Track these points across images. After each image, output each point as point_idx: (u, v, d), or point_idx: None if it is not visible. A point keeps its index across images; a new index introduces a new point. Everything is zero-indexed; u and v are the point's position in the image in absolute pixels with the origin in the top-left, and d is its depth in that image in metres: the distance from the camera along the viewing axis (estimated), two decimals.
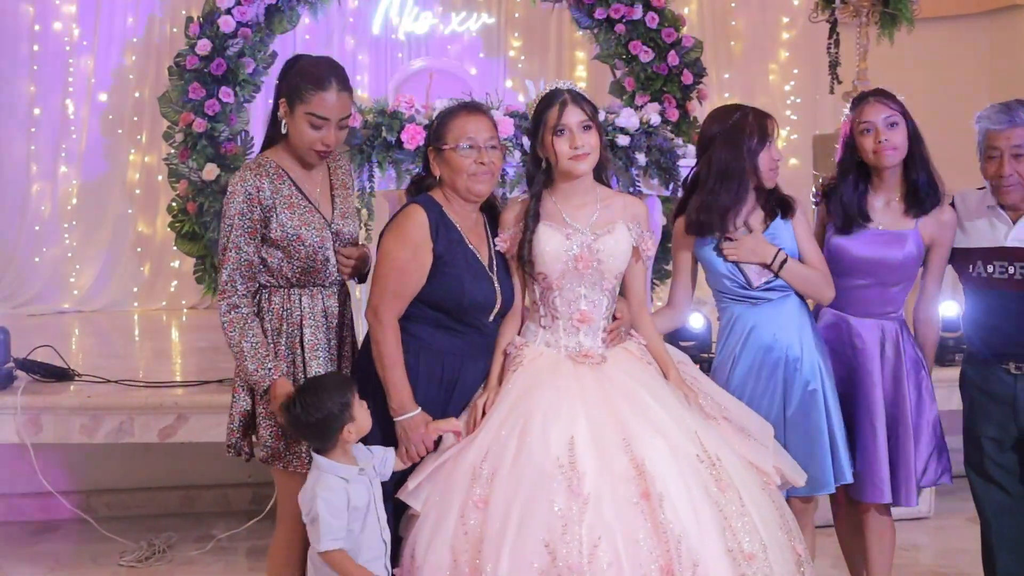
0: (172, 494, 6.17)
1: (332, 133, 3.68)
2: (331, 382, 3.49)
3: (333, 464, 3.41)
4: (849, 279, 4.05)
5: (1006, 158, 3.94)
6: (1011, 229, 4.03)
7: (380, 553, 3.45)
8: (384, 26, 9.75)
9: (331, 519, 3.34)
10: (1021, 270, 4.00)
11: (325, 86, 3.65)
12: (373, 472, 3.50)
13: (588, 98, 3.72)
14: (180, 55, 8.03)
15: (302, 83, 3.67)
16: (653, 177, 6.48)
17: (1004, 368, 4.08)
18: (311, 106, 3.64)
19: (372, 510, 3.43)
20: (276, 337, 3.74)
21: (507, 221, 3.77)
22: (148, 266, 9.42)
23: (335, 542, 3.34)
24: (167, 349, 7.73)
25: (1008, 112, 3.96)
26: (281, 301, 3.76)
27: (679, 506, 3.30)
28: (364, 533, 3.41)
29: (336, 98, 3.67)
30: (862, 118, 4.02)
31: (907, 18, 8.10)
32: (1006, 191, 3.97)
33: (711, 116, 4.08)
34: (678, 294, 4.16)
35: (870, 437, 4.03)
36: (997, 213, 4.06)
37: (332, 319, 3.81)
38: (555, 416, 3.46)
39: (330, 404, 3.39)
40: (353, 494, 3.38)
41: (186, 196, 8.00)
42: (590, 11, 8.51)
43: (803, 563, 3.52)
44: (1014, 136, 3.94)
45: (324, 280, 3.79)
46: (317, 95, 3.64)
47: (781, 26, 10.75)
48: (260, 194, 3.68)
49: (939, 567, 4.92)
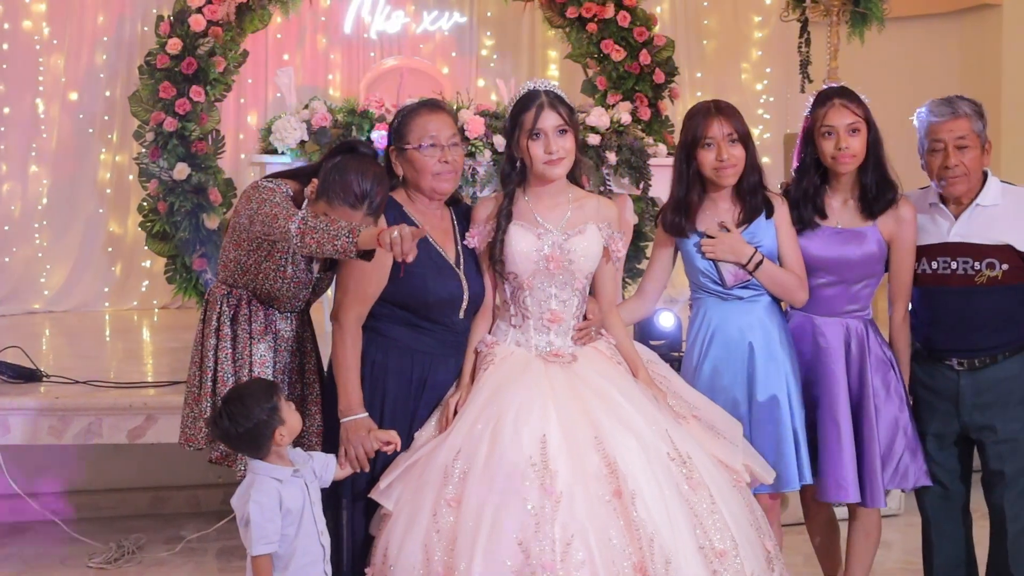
0: (142, 495, 6.14)
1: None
2: (255, 388, 3.45)
3: (266, 465, 3.39)
4: (811, 278, 4.06)
5: (951, 149, 3.98)
6: (953, 225, 4.06)
7: (318, 558, 3.42)
8: (356, 25, 9.70)
9: (264, 522, 3.31)
10: (963, 265, 4.03)
11: (356, 206, 3.52)
12: (311, 475, 3.48)
13: (566, 100, 3.72)
14: (151, 54, 7.99)
15: (339, 191, 3.53)
16: (624, 176, 6.50)
17: (948, 364, 4.11)
18: (335, 214, 3.49)
19: (308, 514, 3.40)
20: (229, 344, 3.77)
21: (478, 218, 3.76)
22: (119, 266, 9.34)
23: (268, 546, 3.32)
24: (138, 349, 7.68)
25: (950, 104, 4.01)
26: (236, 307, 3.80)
27: (651, 504, 3.32)
28: (299, 537, 3.38)
29: (362, 219, 3.52)
30: (825, 121, 4.01)
31: (877, 17, 8.15)
32: (952, 182, 4.00)
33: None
34: (648, 285, 4.17)
35: (834, 436, 4.02)
36: (940, 210, 4.09)
37: (281, 341, 3.85)
38: (527, 415, 3.46)
39: (257, 411, 3.36)
40: (286, 496, 3.35)
41: (157, 196, 7.96)
42: (562, 10, 8.51)
43: (773, 559, 3.54)
44: (956, 127, 3.98)
45: (282, 307, 3.84)
46: (344, 210, 3.51)
47: (753, 25, 10.76)
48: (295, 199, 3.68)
49: (909, 564, 4.94)
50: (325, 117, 6.08)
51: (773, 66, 10.56)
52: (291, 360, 3.87)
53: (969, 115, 3.99)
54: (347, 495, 3.63)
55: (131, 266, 9.34)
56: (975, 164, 4.00)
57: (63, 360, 6.54)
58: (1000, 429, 4.06)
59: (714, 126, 3.92)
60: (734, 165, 3.92)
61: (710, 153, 3.92)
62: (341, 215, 3.49)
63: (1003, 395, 4.06)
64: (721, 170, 3.92)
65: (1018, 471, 4.09)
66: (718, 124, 3.92)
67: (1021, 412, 4.08)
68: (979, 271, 4.01)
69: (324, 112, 6.11)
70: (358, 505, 3.63)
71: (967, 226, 4.04)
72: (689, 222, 4.00)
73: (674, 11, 10.50)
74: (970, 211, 4.05)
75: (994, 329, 4.04)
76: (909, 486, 4.18)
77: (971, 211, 4.05)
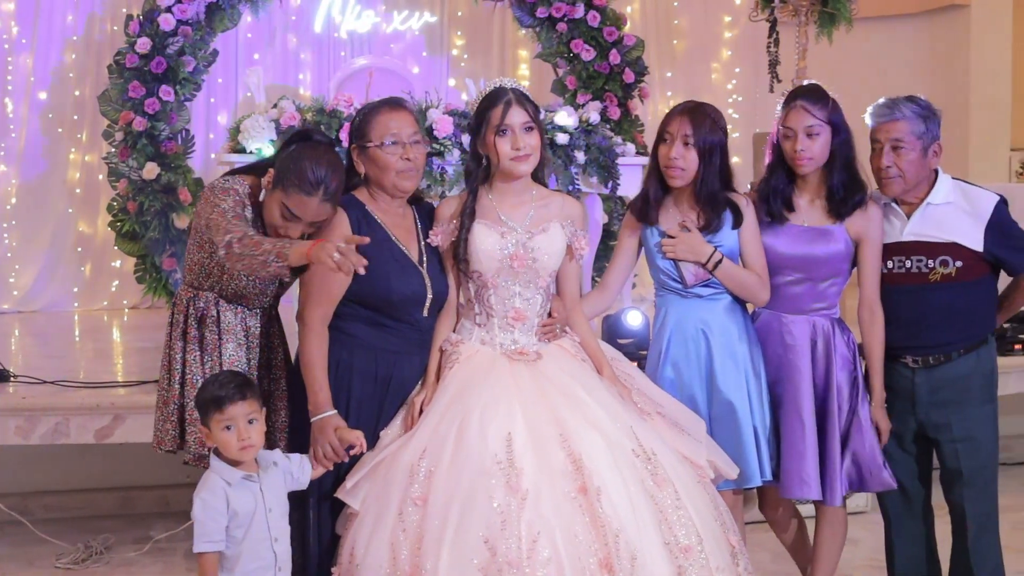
0: (110, 495, 6.11)
1: (300, 229, 3.60)
2: (220, 381, 3.45)
3: (220, 465, 3.38)
4: (778, 276, 4.08)
5: (886, 150, 4.01)
6: (906, 224, 4.10)
7: (268, 564, 3.39)
8: (326, 24, 9.70)
9: (206, 520, 3.30)
10: (917, 263, 4.07)
11: (311, 192, 3.52)
12: (283, 478, 3.48)
13: (531, 99, 3.73)
14: (120, 53, 7.97)
15: (293, 178, 3.53)
16: (592, 175, 6.51)
17: (903, 362, 4.15)
18: (290, 202, 3.53)
19: (259, 519, 3.38)
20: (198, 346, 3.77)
21: (442, 216, 3.77)
22: (89, 266, 9.32)
23: (209, 544, 3.31)
24: (107, 349, 7.65)
25: (891, 106, 4.05)
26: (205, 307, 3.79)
27: (616, 500, 3.33)
28: (246, 542, 3.35)
29: (318, 206, 3.55)
30: (785, 122, 4.04)
31: (845, 17, 8.20)
32: (886, 183, 4.05)
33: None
34: (612, 276, 4.18)
35: (798, 433, 4.04)
36: (893, 209, 4.14)
37: (252, 338, 3.85)
38: (492, 413, 3.47)
39: (204, 395, 3.41)
40: (234, 498, 3.33)
41: (126, 195, 7.94)
42: (532, 10, 8.53)
43: (738, 554, 3.55)
44: (893, 129, 4.01)
45: (249, 304, 3.83)
46: (299, 197, 3.52)
47: (723, 25, 10.81)
48: (245, 211, 3.65)
49: (876, 561, 4.96)
50: (294, 116, 6.08)
51: (742, 66, 10.62)
52: (260, 356, 3.87)
53: (909, 117, 4.01)
54: (313, 494, 3.62)
55: (101, 266, 9.31)
56: (912, 167, 4.02)
57: (32, 360, 6.53)
58: (956, 427, 4.10)
59: (675, 123, 3.93)
60: (681, 168, 3.91)
61: (665, 149, 3.94)
62: (296, 203, 3.50)
63: (958, 393, 4.10)
64: (667, 168, 3.94)
65: (975, 469, 4.12)
66: (679, 122, 3.92)
67: (976, 410, 4.11)
68: (933, 268, 4.05)
69: (293, 111, 6.10)
70: (324, 504, 3.63)
71: (920, 224, 4.08)
72: (652, 211, 4.01)
73: (644, 11, 10.54)
74: (922, 210, 4.08)
75: (948, 326, 4.07)
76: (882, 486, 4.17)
77: (923, 210, 4.08)
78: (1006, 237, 4.06)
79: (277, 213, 3.57)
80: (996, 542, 4.19)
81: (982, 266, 4.07)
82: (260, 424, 3.41)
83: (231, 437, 3.35)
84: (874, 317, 4.11)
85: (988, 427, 4.13)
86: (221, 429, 3.35)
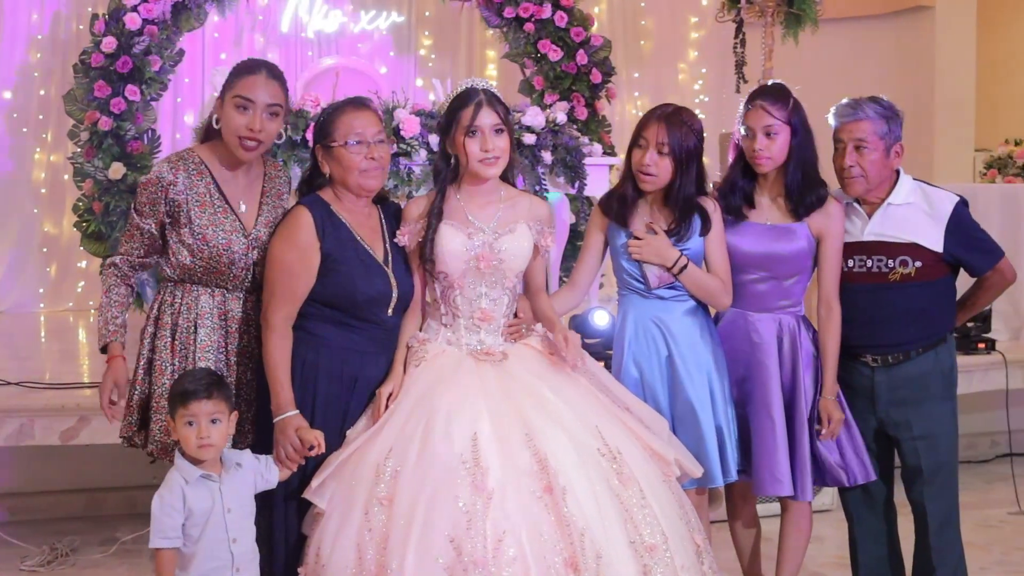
0: (76, 497, 6.08)
1: (258, 118, 3.65)
2: (184, 381, 3.47)
3: (181, 462, 3.39)
4: (743, 274, 4.10)
5: (849, 149, 4.04)
6: (867, 223, 4.13)
7: (224, 564, 3.37)
8: (293, 24, 9.69)
9: (161, 516, 3.32)
10: (877, 263, 4.11)
11: (254, 70, 3.70)
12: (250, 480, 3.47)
13: (502, 100, 3.74)
14: (85, 52, 7.90)
15: (233, 72, 3.73)
16: (559, 175, 6.52)
17: (863, 361, 4.18)
18: (237, 88, 3.67)
19: (217, 519, 3.37)
20: (170, 332, 3.73)
21: (410, 216, 3.77)
22: (54, 267, 9.27)
23: (164, 540, 3.32)
24: (73, 350, 7.62)
25: (855, 106, 4.08)
26: (181, 296, 3.75)
27: (582, 499, 3.34)
28: (202, 541, 3.35)
29: (264, 82, 3.68)
30: (745, 121, 4.07)
31: (811, 18, 8.22)
32: (850, 182, 4.08)
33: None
34: (580, 275, 4.18)
35: (769, 431, 4.06)
36: (854, 209, 4.17)
37: (233, 322, 3.79)
38: (458, 413, 3.48)
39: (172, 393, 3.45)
40: (191, 496, 3.34)
41: (92, 195, 7.87)
42: (499, 10, 8.51)
43: (703, 553, 3.57)
44: (856, 129, 4.04)
45: (228, 283, 3.77)
46: (244, 78, 3.68)
47: (690, 26, 10.86)
48: (171, 188, 3.68)
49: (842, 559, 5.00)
50: None
51: (709, 67, 10.66)
52: (242, 343, 3.81)
53: (872, 118, 4.05)
54: (279, 494, 3.61)
55: (67, 266, 9.27)
56: (875, 167, 4.06)
57: None
58: (915, 425, 4.14)
59: (651, 129, 3.93)
60: (653, 175, 3.91)
61: (637, 153, 3.95)
62: (245, 87, 3.65)
63: (917, 391, 4.14)
64: (640, 174, 3.94)
65: (935, 467, 4.16)
66: (655, 129, 3.91)
67: (935, 408, 4.16)
68: (893, 268, 4.08)
69: None
70: (291, 504, 3.61)
71: (880, 224, 4.11)
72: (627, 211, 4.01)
73: (611, 12, 10.57)
74: (883, 210, 4.12)
75: (907, 325, 4.11)
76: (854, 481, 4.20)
77: (884, 210, 4.12)
78: (967, 238, 4.10)
79: (234, 113, 3.66)
80: (957, 538, 4.23)
81: (942, 267, 4.11)
82: (224, 425, 3.41)
83: (191, 433, 3.35)
84: (831, 313, 4.13)
85: (948, 424, 4.17)
86: (184, 424, 3.36)
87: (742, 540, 4.45)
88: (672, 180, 3.93)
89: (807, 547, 4.34)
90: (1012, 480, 6.28)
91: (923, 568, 4.23)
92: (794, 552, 4.28)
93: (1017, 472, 6.35)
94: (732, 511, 4.44)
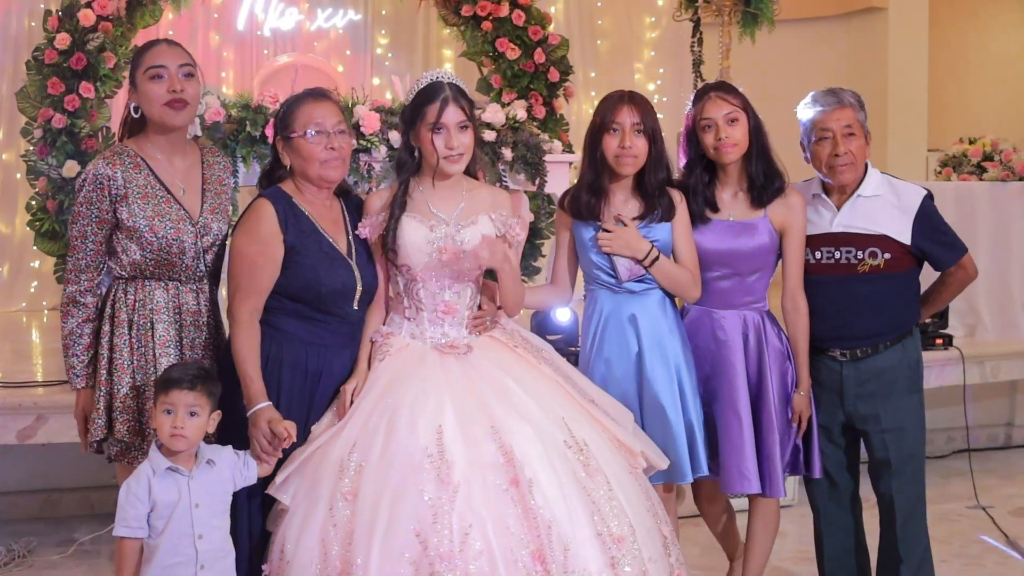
0: (32, 498, 6.00)
1: (176, 80, 3.68)
2: (175, 372, 3.46)
3: (153, 453, 3.38)
4: (706, 272, 4.09)
5: (839, 138, 4.05)
6: (835, 215, 4.15)
7: (187, 560, 3.33)
8: (249, 22, 9.63)
9: (125, 505, 3.31)
10: (846, 254, 4.12)
11: (155, 44, 3.76)
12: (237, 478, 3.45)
13: (468, 95, 3.72)
14: (38, 49, 7.82)
15: (135, 57, 3.77)
16: (520, 172, 6.52)
17: (830, 355, 4.20)
18: (146, 63, 3.69)
19: (182, 513, 3.34)
20: (127, 330, 3.69)
21: (372, 207, 3.75)
22: (7, 267, 9.15)
23: (127, 529, 3.30)
24: (27, 350, 7.52)
25: (835, 95, 4.11)
26: (135, 292, 3.71)
27: (548, 492, 3.33)
28: (165, 534, 3.32)
29: (167, 48, 3.74)
30: (703, 115, 4.06)
31: (768, 18, 8.30)
32: (841, 170, 4.08)
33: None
34: (559, 271, 4.17)
35: (735, 428, 4.06)
36: (822, 200, 4.18)
37: (188, 315, 3.77)
38: (422, 407, 3.46)
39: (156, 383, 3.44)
40: (156, 487, 3.32)
41: (46, 194, 7.78)
42: (456, 8, 8.50)
43: (670, 545, 3.57)
44: (843, 116, 4.07)
45: (180, 275, 3.74)
46: (148, 52, 3.72)
47: (646, 25, 10.89)
48: (111, 183, 3.65)
49: (803, 553, 5.04)
50: (219, 112, 6.01)
51: (666, 66, 10.70)
52: (197, 335, 3.79)
53: (853, 105, 4.10)
54: (243, 491, 3.57)
55: (19, 266, 9.15)
56: (861, 153, 4.09)
57: None
58: (883, 418, 4.15)
59: (623, 112, 3.93)
60: (635, 156, 3.93)
61: (614, 139, 3.94)
62: (151, 57, 3.70)
63: (885, 384, 4.15)
64: (621, 158, 3.94)
65: (903, 459, 4.18)
66: (628, 111, 3.93)
67: (903, 400, 4.17)
68: (862, 260, 4.10)
69: (217, 107, 6.03)
70: (255, 501, 3.58)
71: (849, 216, 4.13)
72: (603, 203, 4.00)
73: (568, 11, 10.58)
74: (852, 201, 4.13)
75: (875, 317, 4.12)
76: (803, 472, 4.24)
77: (853, 201, 4.13)
78: (933, 232, 4.13)
79: (150, 86, 3.68)
80: (923, 529, 4.25)
81: (909, 259, 4.13)
82: (202, 420, 3.38)
83: (166, 421, 3.34)
84: (797, 306, 4.14)
85: (915, 417, 4.19)
86: (162, 411, 3.34)
87: (715, 527, 4.48)
88: (647, 160, 3.95)
89: (774, 541, 4.35)
90: (970, 475, 6.33)
91: (889, 559, 4.25)
92: (762, 548, 4.29)
93: (975, 467, 6.41)
94: (701, 509, 4.46)
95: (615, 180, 4.01)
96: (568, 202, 4.10)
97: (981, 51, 11.36)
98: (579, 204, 4.04)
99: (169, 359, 3.68)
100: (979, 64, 11.36)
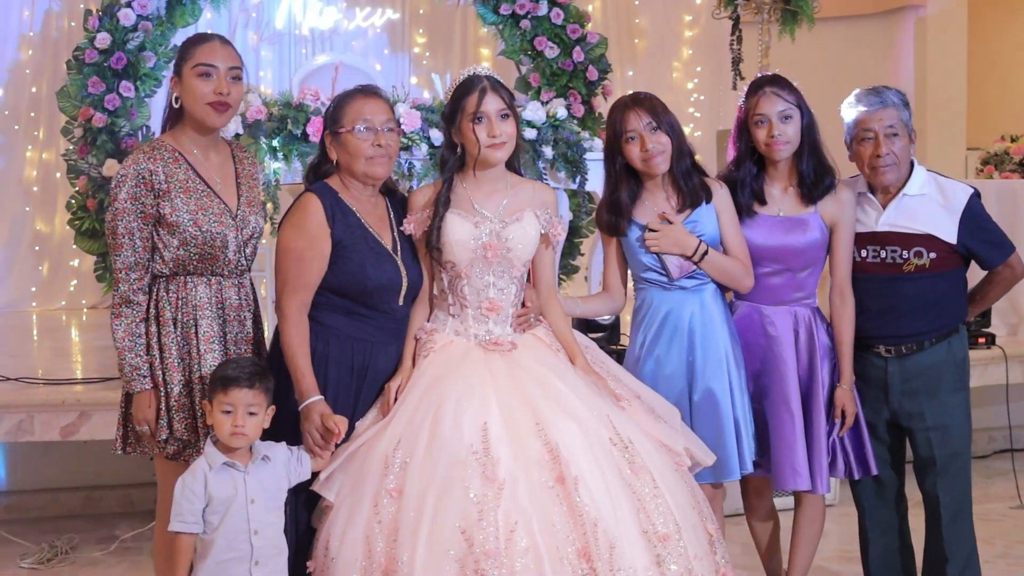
0: (74, 495, 6.05)
1: (224, 82, 3.66)
2: (230, 368, 3.44)
3: (210, 449, 3.37)
4: (756, 268, 4.07)
5: (881, 138, 4.02)
6: (881, 214, 4.11)
7: (243, 556, 3.33)
8: (288, 21, 9.66)
9: (180, 500, 3.30)
10: (891, 253, 4.09)
11: (207, 39, 3.71)
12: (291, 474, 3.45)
13: (506, 86, 3.71)
14: (79, 49, 7.87)
15: (185, 48, 3.72)
16: (560, 170, 6.51)
17: (875, 352, 4.16)
18: (196, 58, 3.66)
19: (239, 509, 3.34)
20: (171, 327, 3.68)
21: (416, 203, 3.74)
22: (47, 265, 9.22)
23: (183, 525, 3.30)
24: (67, 348, 7.57)
25: (878, 94, 4.07)
26: (177, 289, 3.70)
27: (594, 489, 3.31)
28: (221, 529, 3.32)
29: (220, 47, 3.70)
30: (757, 110, 4.04)
31: (808, 16, 8.25)
32: (883, 171, 4.05)
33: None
34: (611, 279, 4.15)
35: (788, 425, 4.04)
36: (868, 199, 4.15)
37: (230, 310, 3.76)
38: (467, 403, 3.45)
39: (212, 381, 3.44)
40: (212, 483, 3.32)
41: (86, 193, 7.84)
42: (495, 7, 8.50)
43: (715, 543, 3.55)
44: (886, 116, 4.03)
45: (223, 269, 3.74)
46: (199, 47, 3.68)
47: (684, 24, 10.87)
48: (153, 178, 3.62)
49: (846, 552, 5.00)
50: (260, 110, 6.01)
51: (704, 64, 10.68)
52: (240, 330, 3.78)
53: (896, 104, 4.06)
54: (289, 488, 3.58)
55: (59, 265, 9.22)
56: (904, 153, 4.06)
57: None
58: (929, 416, 4.12)
59: (632, 118, 3.92)
60: (661, 152, 3.91)
61: (634, 146, 3.93)
62: (203, 55, 3.66)
63: (930, 381, 4.12)
64: (649, 160, 3.92)
65: (948, 457, 4.14)
66: (635, 115, 3.92)
67: (948, 398, 4.14)
68: (907, 259, 4.07)
69: (259, 105, 6.04)
70: (300, 497, 3.58)
71: (895, 215, 4.09)
72: (624, 220, 4.00)
73: (606, 9, 10.58)
74: (897, 200, 4.10)
75: (920, 316, 4.09)
76: (866, 472, 4.20)
77: (899, 200, 4.10)
78: (980, 231, 4.09)
79: (198, 83, 3.65)
80: (970, 528, 4.21)
81: (955, 258, 4.09)
82: (260, 418, 3.39)
83: (226, 420, 3.33)
84: (844, 301, 4.12)
85: (960, 415, 4.16)
86: (221, 410, 3.34)
87: (760, 533, 4.43)
88: (673, 151, 3.93)
89: (819, 540, 4.32)
90: (1013, 475, 6.28)
91: (935, 558, 4.21)
92: (807, 546, 4.26)
93: (1017, 467, 6.35)
94: (748, 506, 4.42)
95: (649, 180, 4.01)
96: (604, 211, 4.09)
97: (1020, 48, 11.27)
98: (603, 224, 4.06)
99: (214, 355, 3.67)
100: (1018, 61, 11.28)
